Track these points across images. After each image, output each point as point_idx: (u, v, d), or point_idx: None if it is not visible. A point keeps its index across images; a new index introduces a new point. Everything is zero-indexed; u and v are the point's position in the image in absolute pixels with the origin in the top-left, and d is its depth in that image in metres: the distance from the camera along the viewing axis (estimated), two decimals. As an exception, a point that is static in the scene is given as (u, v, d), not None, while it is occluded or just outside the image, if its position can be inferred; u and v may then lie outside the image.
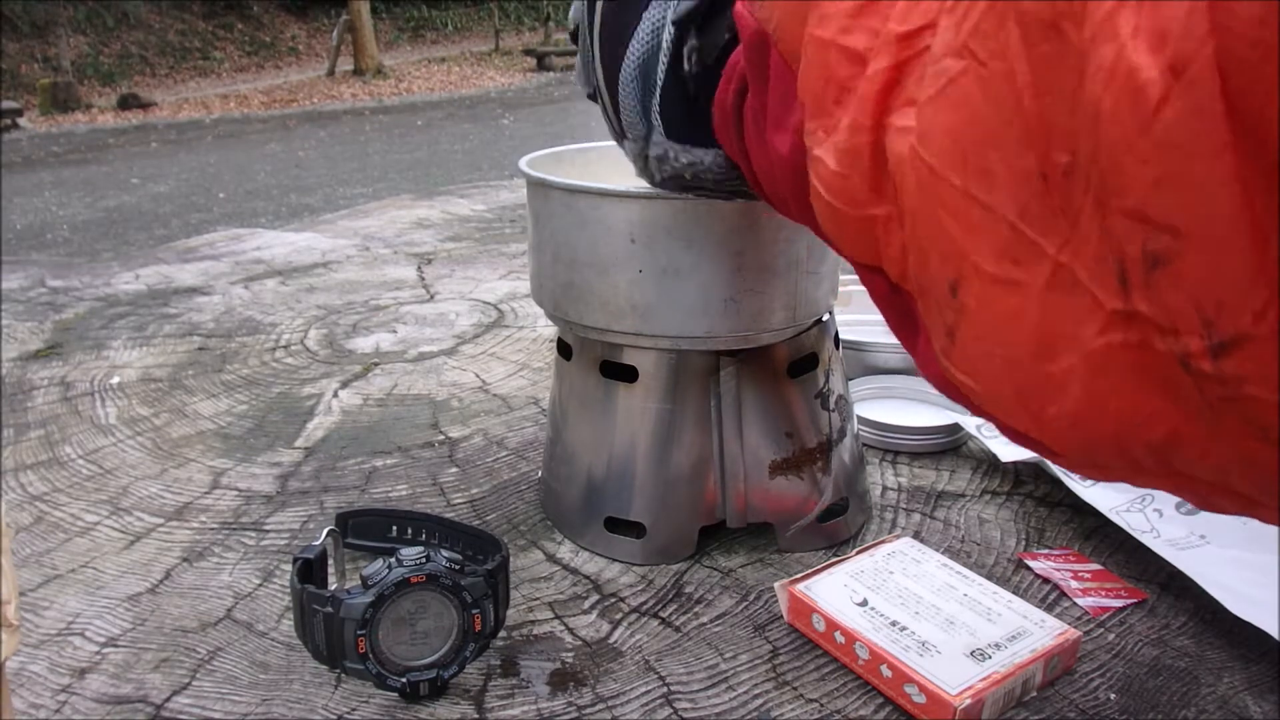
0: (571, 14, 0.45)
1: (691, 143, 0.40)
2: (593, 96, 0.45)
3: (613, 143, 0.46)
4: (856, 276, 0.31)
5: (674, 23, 0.37)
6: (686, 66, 0.37)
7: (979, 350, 0.25)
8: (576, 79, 0.47)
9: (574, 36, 0.45)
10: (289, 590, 0.50)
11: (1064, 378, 0.22)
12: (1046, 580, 0.55)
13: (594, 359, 0.58)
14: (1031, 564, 0.57)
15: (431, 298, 1.17)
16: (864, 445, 0.71)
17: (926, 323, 0.27)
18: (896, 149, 0.25)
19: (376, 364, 0.94)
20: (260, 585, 0.57)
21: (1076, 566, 0.57)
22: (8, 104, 9.40)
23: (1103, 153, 0.19)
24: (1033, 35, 0.21)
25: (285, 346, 1.00)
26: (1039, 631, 0.48)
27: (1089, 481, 0.62)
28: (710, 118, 0.38)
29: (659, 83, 0.38)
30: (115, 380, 0.91)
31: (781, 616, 0.52)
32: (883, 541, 0.56)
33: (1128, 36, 0.18)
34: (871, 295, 0.30)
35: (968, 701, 0.43)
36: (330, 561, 0.53)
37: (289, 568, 0.52)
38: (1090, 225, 0.21)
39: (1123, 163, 0.19)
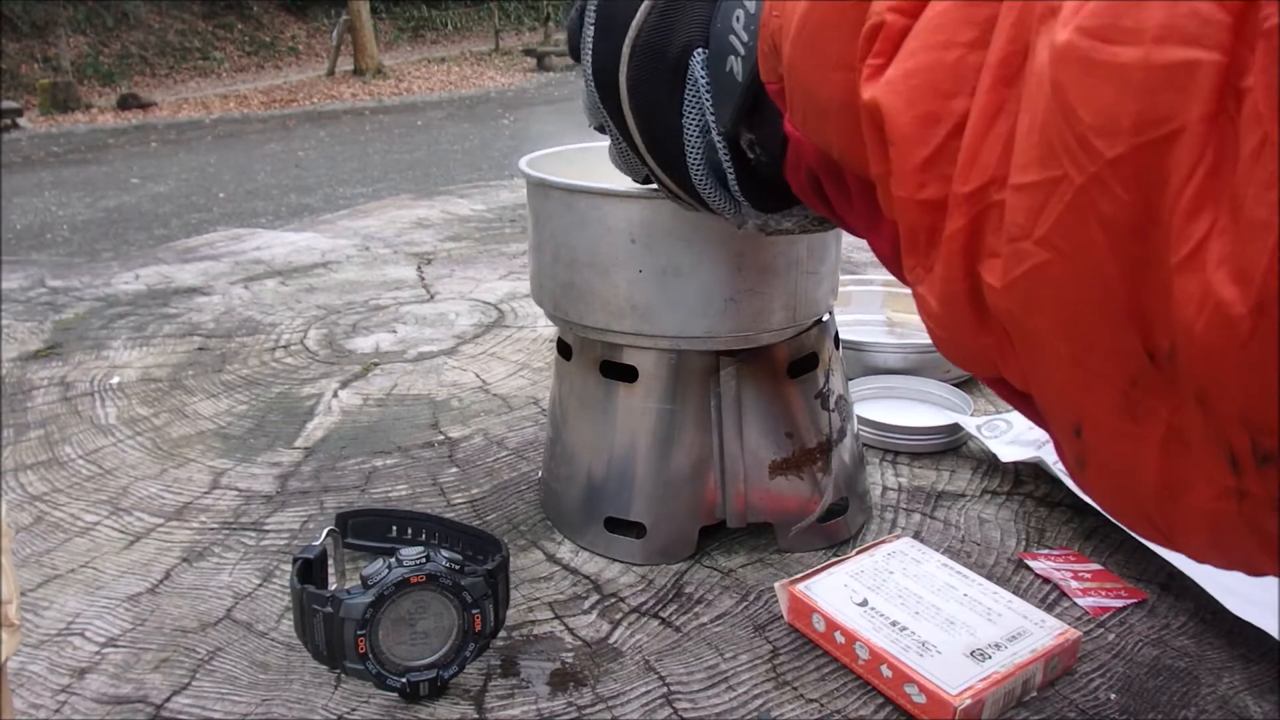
0: (588, 115, 0.45)
1: (783, 209, 0.40)
2: (647, 180, 0.46)
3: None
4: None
5: (721, 134, 0.37)
6: (751, 156, 0.38)
7: (1108, 484, 0.26)
8: (617, 167, 0.47)
9: (601, 130, 0.45)
10: (289, 590, 0.50)
11: (1187, 517, 0.24)
12: (1046, 580, 0.55)
13: (594, 359, 0.58)
14: (1031, 564, 0.57)
15: (431, 298, 1.17)
16: (864, 445, 0.71)
17: (1059, 441, 0.28)
18: (993, 303, 0.26)
19: (376, 364, 0.94)
20: (260, 585, 0.57)
21: (1076, 566, 0.57)
22: (8, 104, 9.41)
23: (1200, 365, 0.21)
24: (1119, 238, 0.22)
25: (285, 346, 1.00)
26: (1039, 631, 0.48)
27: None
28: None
29: (729, 173, 0.39)
30: (115, 380, 0.91)
31: (781, 616, 0.52)
32: (883, 541, 0.56)
33: (1213, 269, 0.20)
34: (1000, 395, 0.31)
35: (968, 701, 0.43)
36: (330, 561, 0.53)
37: (289, 568, 0.52)
38: (1194, 410, 0.22)
39: (1223, 380, 0.21)
